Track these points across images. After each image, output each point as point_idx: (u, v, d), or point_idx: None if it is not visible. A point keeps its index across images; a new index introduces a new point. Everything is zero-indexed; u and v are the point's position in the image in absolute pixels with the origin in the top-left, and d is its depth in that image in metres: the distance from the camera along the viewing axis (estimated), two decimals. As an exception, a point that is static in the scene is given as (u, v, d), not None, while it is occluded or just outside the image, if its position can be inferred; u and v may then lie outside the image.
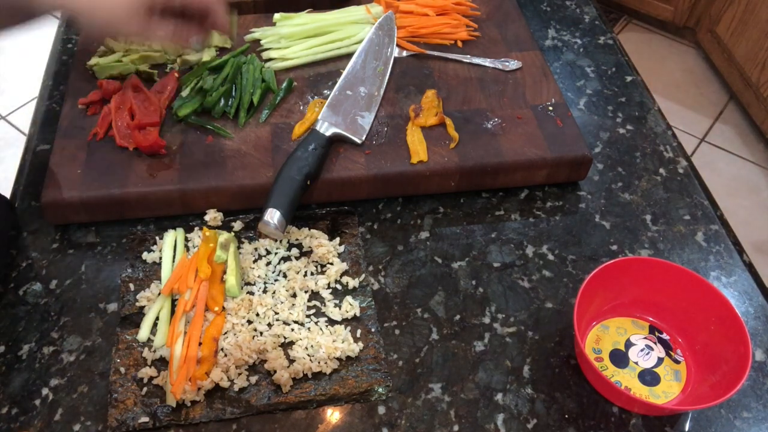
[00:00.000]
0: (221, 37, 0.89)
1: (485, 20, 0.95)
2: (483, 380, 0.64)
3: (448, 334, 0.67)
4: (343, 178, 0.75)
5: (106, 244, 0.73)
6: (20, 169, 0.82)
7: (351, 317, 0.67)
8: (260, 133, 0.79)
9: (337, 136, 0.77)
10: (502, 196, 0.80)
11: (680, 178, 0.83)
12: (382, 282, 0.71)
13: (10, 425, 0.60)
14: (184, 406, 0.61)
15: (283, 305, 0.67)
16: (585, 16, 1.05)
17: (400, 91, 0.85)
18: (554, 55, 0.98)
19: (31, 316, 0.68)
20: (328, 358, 0.63)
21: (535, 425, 0.62)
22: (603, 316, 0.69)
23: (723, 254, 0.75)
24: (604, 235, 0.77)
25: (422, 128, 0.80)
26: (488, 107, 0.83)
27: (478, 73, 0.88)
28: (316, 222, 0.75)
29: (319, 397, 0.62)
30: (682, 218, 0.79)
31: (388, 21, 0.90)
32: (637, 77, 0.96)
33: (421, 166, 0.76)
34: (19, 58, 2.40)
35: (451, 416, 0.62)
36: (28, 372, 0.64)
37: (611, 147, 0.86)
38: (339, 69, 0.87)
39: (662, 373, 0.65)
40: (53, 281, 0.70)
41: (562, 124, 0.81)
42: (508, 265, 0.73)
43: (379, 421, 0.61)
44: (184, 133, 0.79)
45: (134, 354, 0.64)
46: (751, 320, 0.70)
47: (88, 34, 0.88)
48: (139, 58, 0.85)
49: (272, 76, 0.85)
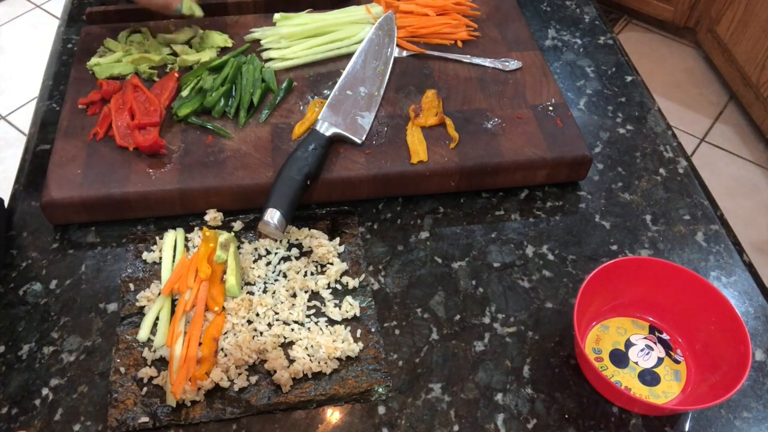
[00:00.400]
0: (221, 37, 0.89)
1: (485, 20, 0.95)
2: (483, 380, 0.64)
3: (448, 334, 0.67)
4: (343, 178, 0.75)
5: (106, 244, 0.73)
6: (20, 169, 0.82)
7: (351, 317, 0.67)
8: (260, 133, 0.79)
9: (337, 136, 0.77)
10: (502, 196, 0.80)
11: (680, 178, 0.83)
12: (382, 282, 0.71)
13: (10, 425, 0.60)
14: (184, 406, 0.61)
15: (283, 305, 0.67)
16: (585, 16, 1.05)
17: (400, 91, 0.85)
18: (554, 55, 0.98)
19: (31, 316, 0.68)
20: (328, 358, 0.63)
21: (535, 425, 0.62)
22: (603, 316, 0.69)
23: (723, 254, 0.75)
24: (604, 235, 0.77)
25: (422, 128, 0.80)
26: (488, 107, 0.83)
27: (478, 73, 0.88)
28: (316, 222, 0.75)
29: (319, 397, 0.62)
30: (682, 218, 0.79)
31: (388, 21, 0.90)
32: (637, 77, 0.96)
33: (421, 166, 0.76)
34: (19, 58, 2.40)
35: (451, 416, 0.62)
36: (28, 372, 0.64)
37: (611, 147, 0.86)
38: (339, 69, 0.87)
39: (662, 373, 0.65)
40: (53, 281, 0.70)
41: (562, 124, 0.81)
42: (508, 265, 0.73)
43: (379, 421, 0.61)
44: (184, 133, 0.79)
45: (134, 354, 0.64)
46: (751, 320, 0.70)
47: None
48: (139, 58, 0.85)
49: (272, 76, 0.85)
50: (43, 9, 2.70)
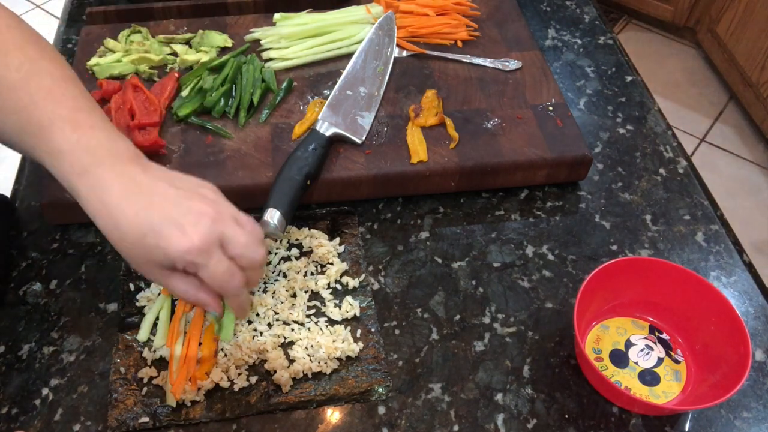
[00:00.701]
0: (221, 37, 0.89)
1: (485, 20, 0.95)
2: (483, 380, 0.64)
3: (448, 334, 0.67)
4: (343, 178, 0.75)
5: (106, 244, 0.73)
6: (20, 169, 0.82)
7: (351, 317, 0.67)
8: (260, 133, 0.79)
9: (337, 136, 0.77)
10: (502, 196, 0.80)
11: (680, 178, 0.83)
12: (382, 282, 0.71)
13: (10, 425, 0.60)
14: (184, 406, 0.61)
15: (283, 305, 0.67)
16: (585, 16, 1.05)
17: (400, 91, 0.85)
18: (554, 55, 0.99)
19: (31, 316, 0.68)
20: (328, 358, 0.63)
21: (535, 425, 0.62)
22: (603, 316, 0.69)
23: (723, 254, 0.75)
24: (604, 235, 0.77)
25: (422, 128, 0.80)
26: (488, 107, 0.83)
27: (478, 73, 0.88)
28: (316, 222, 0.75)
29: (319, 397, 0.62)
30: (682, 218, 0.79)
31: (388, 21, 0.90)
32: (637, 77, 0.96)
33: (421, 166, 0.76)
34: (19, 58, 2.39)
35: (451, 416, 0.62)
36: (28, 372, 0.64)
37: (611, 147, 0.86)
38: (339, 69, 0.87)
39: (662, 373, 0.65)
40: (53, 281, 0.70)
41: (562, 124, 0.81)
42: (508, 265, 0.73)
43: (379, 421, 0.61)
44: (184, 133, 0.79)
45: (134, 354, 0.64)
46: (751, 320, 0.70)
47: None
48: (139, 58, 0.85)
49: (272, 76, 0.85)
50: (43, 9, 2.70)
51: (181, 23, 0.92)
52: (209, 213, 0.53)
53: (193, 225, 0.52)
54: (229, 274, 0.54)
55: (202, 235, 0.52)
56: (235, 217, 0.56)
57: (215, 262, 0.53)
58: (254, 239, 0.56)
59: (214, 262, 0.53)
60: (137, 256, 0.53)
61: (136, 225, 0.52)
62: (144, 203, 0.52)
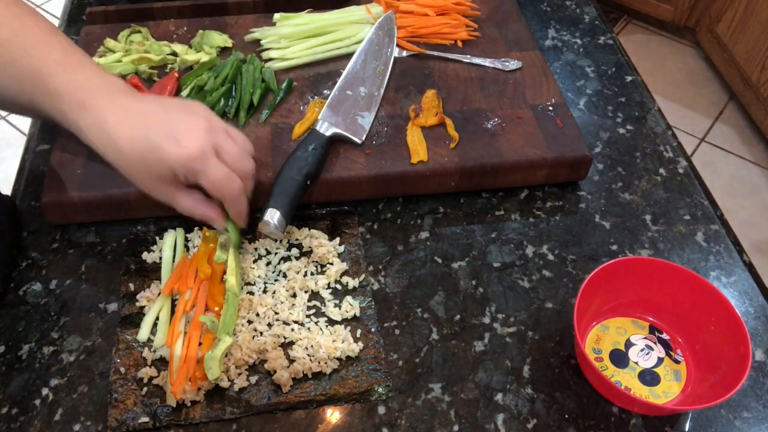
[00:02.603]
0: (221, 37, 0.89)
1: (485, 20, 0.95)
2: (483, 380, 0.64)
3: (448, 334, 0.67)
4: (343, 178, 0.75)
5: (106, 244, 0.73)
6: (20, 169, 0.82)
7: (351, 317, 0.67)
8: (260, 133, 0.79)
9: (337, 136, 0.77)
10: (502, 196, 0.80)
11: (680, 178, 0.83)
12: (382, 282, 0.71)
13: (10, 425, 0.60)
14: (184, 406, 0.61)
15: (283, 305, 0.67)
16: (585, 16, 1.05)
17: (400, 91, 0.85)
18: (554, 55, 0.99)
19: (31, 316, 0.68)
20: (328, 358, 0.63)
21: (535, 425, 0.62)
22: (603, 316, 0.69)
23: (723, 254, 0.75)
24: (604, 235, 0.77)
25: (422, 128, 0.80)
26: (488, 107, 0.83)
27: (478, 73, 0.88)
28: (316, 222, 0.75)
29: (319, 397, 0.62)
30: (682, 218, 0.79)
31: (388, 21, 0.90)
32: (637, 77, 0.96)
33: (421, 166, 0.76)
34: (19, 58, 2.40)
35: (451, 416, 0.62)
36: (28, 372, 0.64)
37: (611, 147, 0.86)
38: (339, 69, 0.87)
39: (662, 373, 0.65)
40: (53, 281, 0.70)
41: (562, 124, 0.81)
42: (508, 265, 0.73)
43: (379, 421, 0.61)
44: (184, 133, 0.79)
45: (134, 354, 0.64)
46: (751, 320, 0.70)
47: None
48: (139, 58, 0.85)
49: (272, 76, 0.85)
50: (43, 9, 2.70)
51: (181, 23, 0.92)
52: (202, 125, 0.59)
53: (188, 135, 0.57)
54: (228, 179, 0.60)
55: (197, 144, 0.57)
56: (227, 130, 0.62)
57: (213, 167, 0.58)
58: (244, 151, 0.63)
59: (212, 167, 0.58)
60: (142, 175, 0.59)
61: (136, 144, 0.57)
62: (140, 124, 0.58)
